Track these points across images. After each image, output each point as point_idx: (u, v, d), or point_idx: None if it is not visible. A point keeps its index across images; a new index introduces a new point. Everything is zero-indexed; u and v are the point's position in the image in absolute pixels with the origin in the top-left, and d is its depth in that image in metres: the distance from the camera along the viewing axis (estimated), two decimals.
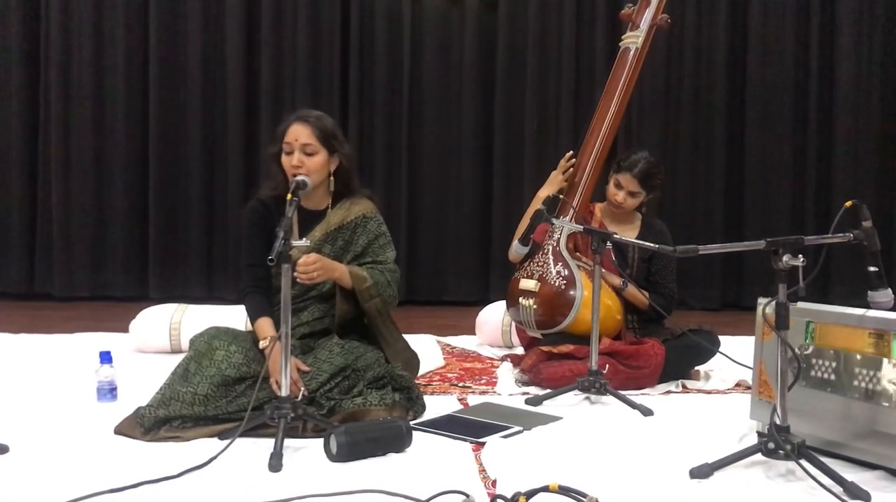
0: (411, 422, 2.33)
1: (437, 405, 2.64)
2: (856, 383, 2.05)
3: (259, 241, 2.56)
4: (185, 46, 5.14)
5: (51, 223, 5.12)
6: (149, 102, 5.12)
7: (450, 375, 3.18)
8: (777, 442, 1.96)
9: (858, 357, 2.04)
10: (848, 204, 2.18)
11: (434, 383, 3.01)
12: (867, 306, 2.17)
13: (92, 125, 5.11)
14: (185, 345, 3.21)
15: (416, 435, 2.23)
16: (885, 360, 1.99)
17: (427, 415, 2.51)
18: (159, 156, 5.13)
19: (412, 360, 2.79)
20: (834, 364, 2.10)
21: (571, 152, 3.26)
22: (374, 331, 2.64)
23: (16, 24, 5.06)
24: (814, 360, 2.15)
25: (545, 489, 1.78)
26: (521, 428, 2.38)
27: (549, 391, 2.80)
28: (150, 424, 2.24)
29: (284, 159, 2.55)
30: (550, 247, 3.11)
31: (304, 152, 2.53)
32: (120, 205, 5.15)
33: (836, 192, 5.31)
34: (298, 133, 2.54)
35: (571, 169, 3.22)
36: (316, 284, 2.56)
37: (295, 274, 2.40)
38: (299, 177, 2.37)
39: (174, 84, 5.15)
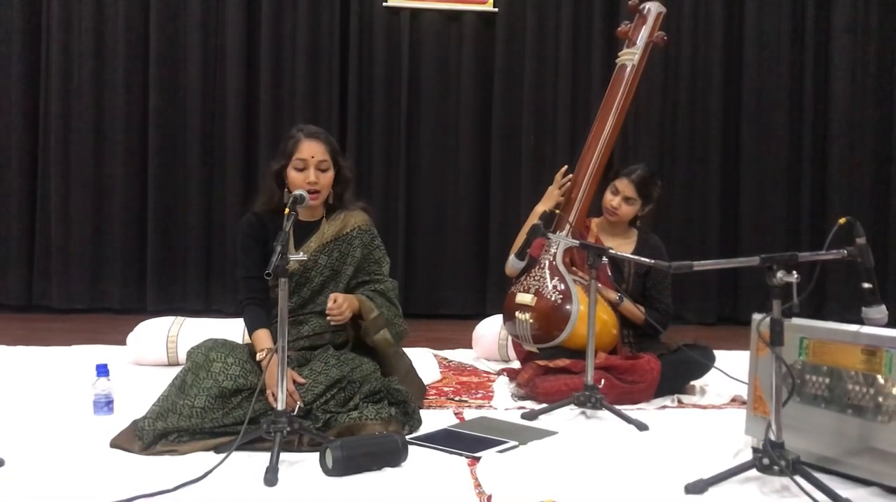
0: (407, 437, 2.33)
1: (434, 419, 2.64)
2: (849, 399, 2.06)
3: (255, 254, 2.58)
4: (184, 61, 5.16)
5: (49, 235, 5.13)
6: (147, 115, 5.13)
7: (446, 389, 3.18)
8: (772, 458, 1.97)
9: (852, 373, 2.05)
10: (842, 221, 2.20)
11: (430, 397, 3.01)
12: (861, 322, 2.19)
13: (91, 138, 5.12)
14: (182, 358, 3.19)
15: (412, 450, 2.23)
16: (878, 376, 2.00)
17: (423, 429, 2.52)
18: (158, 170, 5.14)
19: (420, 388, 2.81)
20: (828, 380, 2.11)
21: (566, 167, 3.28)
22: (384, 361, 2.65)
23: (16, 40, 5.07)
24: (808, 376, 2.16)
25: None
26: (516, 443, 2.38)
27: (545, 405, 2.80)
28: (149, 439, 2.24)
29: (296, 175, 2.55)
30: (547, 262, 3.12)
31: (319, 169, 2.56)
32: (118, 218, 5.16)
33: (831, 208, 5.33)
34: (314, 150, 2.56)
35: (568, 184, 3.24)
36: (315, 297, 2.59)
37: (328, 319, 2.48)
38: (297, 192, 2.38)
39: (173, 97, 5.17)
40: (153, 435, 2.24)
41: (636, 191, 3.15)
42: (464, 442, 2.38)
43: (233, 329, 3.21)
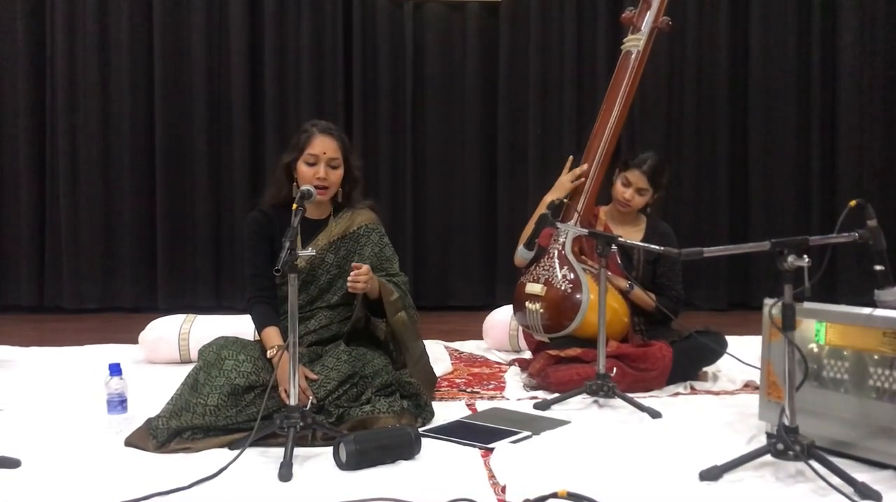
0: (420, 429, 2.33)
1: (446, 411, 2.64)
2: (871, 383, 2.04)
3: (262, 251, 2.58)
4: (188, 59, 5.16)
5: (60, 235, 5.15)
6: (154, 112, 5.14)
7: (458, 381, 3.18)
8: (786, 444, 1.96)
9: (876, 356, 2.04)
10: (852, 203, 2.18)
11: (442, 389, 3.01)
12: (874, 304, 2.17)
13: (98, 137, 5.13)
14: (194, 355, 3.21)
15: (425, 442, 2.23)
16: None
17: (436, 422, 2.52)
18: (166, 168, 5.15)
19: (430, 377, 2.80)
20: (848, 364, 2.10)
21: (572, 157, 3.25)
22: (399, 345, 2.64)
23: (21, 43, 5.09)
24: (826, 361, 2.15)
25: (554, 495, 1.78)
26: (529, 433, 2.38)
27: (557, 395, 2.80)
28: (163, 438, 2.25)
29: (306, 169, 2.55)
30: (556, 251, 3.11)
31: (329, 165, 2.55)
32: (128, 217, 5.17)
33: (840, 191, 5.30)
34: (327, 146, 2.55)
35: (581, 177, 3.21)
36: (322, 294, 2.58)
37: (349, 283, 2.43)
38: (304, 187, 2.38)
39: (179, 95, 5.17)
40: (167, 433, 2.25)
41: (648, 181, 3.14)
42: (477, 433, 2.38)
43: (244, 325, 3.20)
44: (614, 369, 2.83)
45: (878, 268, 2.19)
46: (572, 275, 3.04)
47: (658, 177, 3.15)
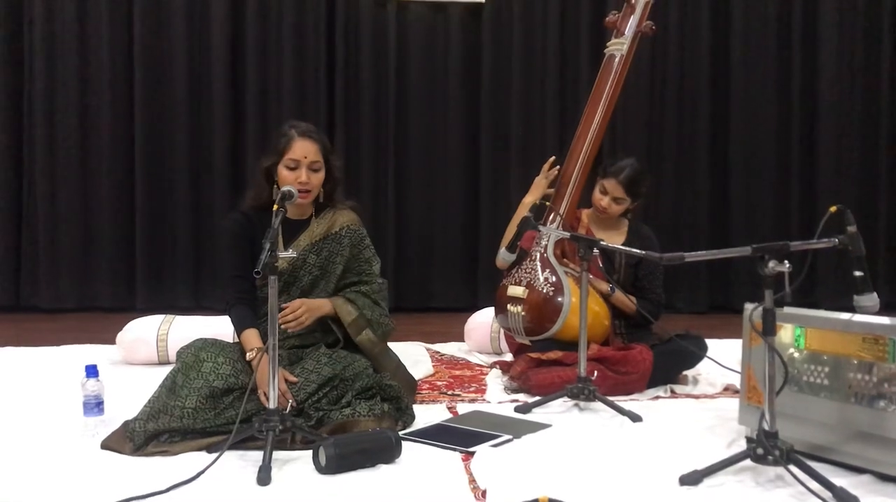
0: (401, 433, 2.32)
1: (427, 414, 2.63)
2: (850, 387, 2.06)
3: (242, 253, 2.56)
4: (169, 58, 5.11)
5: (37, 234, 5.08)
6: (133, 113, 5.09)
7: (439, 383, 3.17)
8: (766, 448, 1.97)
9: (854, 361, 2.05)
10: (832, 209, 2.20)
11: (423, 392, 3.00)
12: (853, 309, 2.19)
13: (77, 135, 5.08)
14: (172, 356, 3.19)
15: (406, 446, 2.22)
16: (882, 364, 2.00)
17: (416, 425, 2.51)
18: (146, 167, 5.11)
19: (410, 383, 2.79)
20: (827, 369, 2.11)
21: (553, 157, 3.27)
22: (371, 360, 2.62)
23: None
24: (806, 365, 2.16)
25: None
26: (510, 437, 2.38)
27: (538, 398, 2.80)
28: (140, 441, 2.22)
29: (287, 174, 2.53)
30: (538, 254, 3.11)
31: (310, 169, 2.53)
32: (106, 216, 5.12)
33: (820, 197, 5.34)
34: (307, 150, 2.53)
35: (556, 173, 3.22)
36: (304, 296, 2.56)
37: (282, 325, 2.39)
38: (286, 188, 2.36)
39: (159, 94, 5.12)
40: (144, 436, 2.23)
41: (625, 191, 3.14)
42: (457, 436, 2.38)
43: (223, 326, 3.16)
44: (595, 372, 2.83)
45: (857, 273, 2.21)
46: (554, 278, 3.04)
47: (635, 187, 3.16)
